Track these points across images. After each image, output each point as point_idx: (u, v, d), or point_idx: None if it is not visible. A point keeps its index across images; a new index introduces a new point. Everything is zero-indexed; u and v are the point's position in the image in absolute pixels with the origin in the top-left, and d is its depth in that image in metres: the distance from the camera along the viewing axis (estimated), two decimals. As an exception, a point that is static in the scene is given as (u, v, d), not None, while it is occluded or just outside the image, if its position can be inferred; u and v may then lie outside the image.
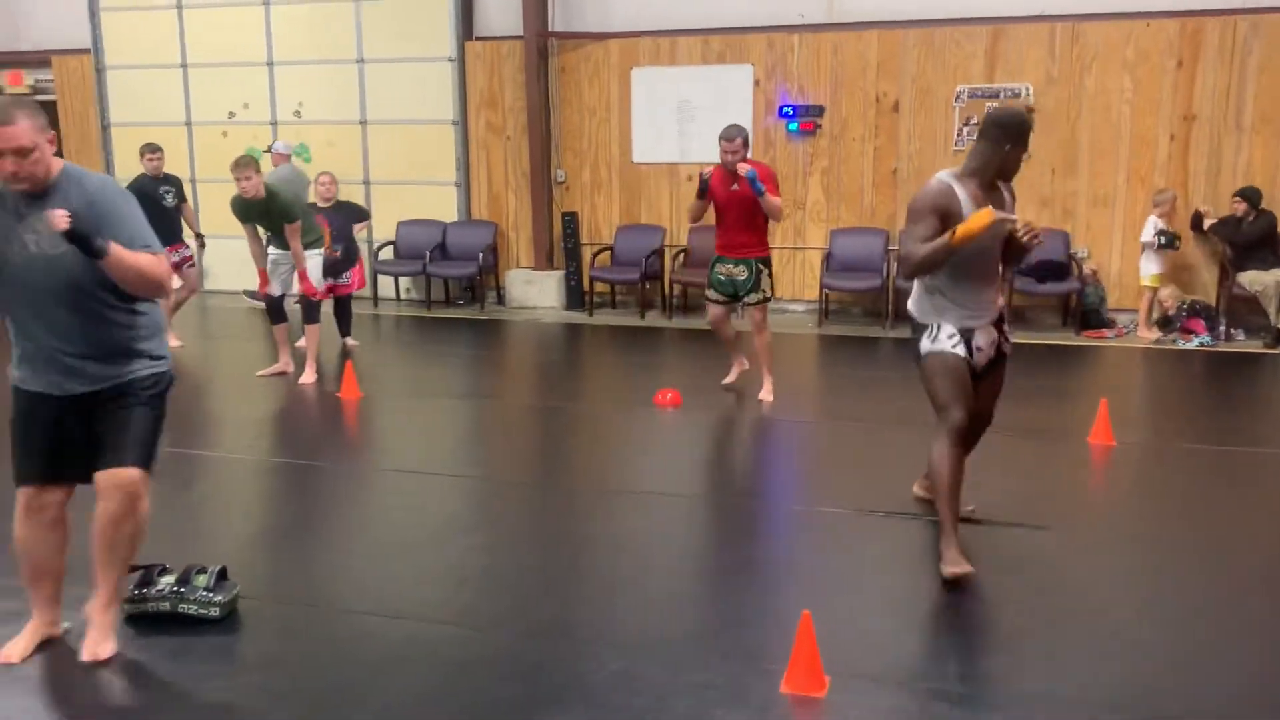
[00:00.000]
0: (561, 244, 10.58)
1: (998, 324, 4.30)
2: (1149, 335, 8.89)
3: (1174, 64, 9.01)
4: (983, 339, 4.23)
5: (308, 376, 7.34)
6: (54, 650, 3.46)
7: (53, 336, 3.19)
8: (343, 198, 9.94)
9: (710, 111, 10.01)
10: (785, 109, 9.91)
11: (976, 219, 3.82)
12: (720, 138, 6.29)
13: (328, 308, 8.31)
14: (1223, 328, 8.66)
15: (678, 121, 10.22)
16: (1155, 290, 9.00)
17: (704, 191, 6.40)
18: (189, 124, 11.45)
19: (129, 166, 11.51)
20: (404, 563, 4.25)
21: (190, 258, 8.95)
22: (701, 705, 3.11)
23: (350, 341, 8.53)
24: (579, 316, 10.23)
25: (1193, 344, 8.55)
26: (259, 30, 11.04)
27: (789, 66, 9.89)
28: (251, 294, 9.80)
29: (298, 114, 11.13)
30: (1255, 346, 8.44)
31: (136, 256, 3.14)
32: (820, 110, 9.86)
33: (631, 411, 6.66)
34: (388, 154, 11.00)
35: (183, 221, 8.94)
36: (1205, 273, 9.20)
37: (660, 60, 10.20)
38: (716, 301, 6.69)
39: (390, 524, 4.73)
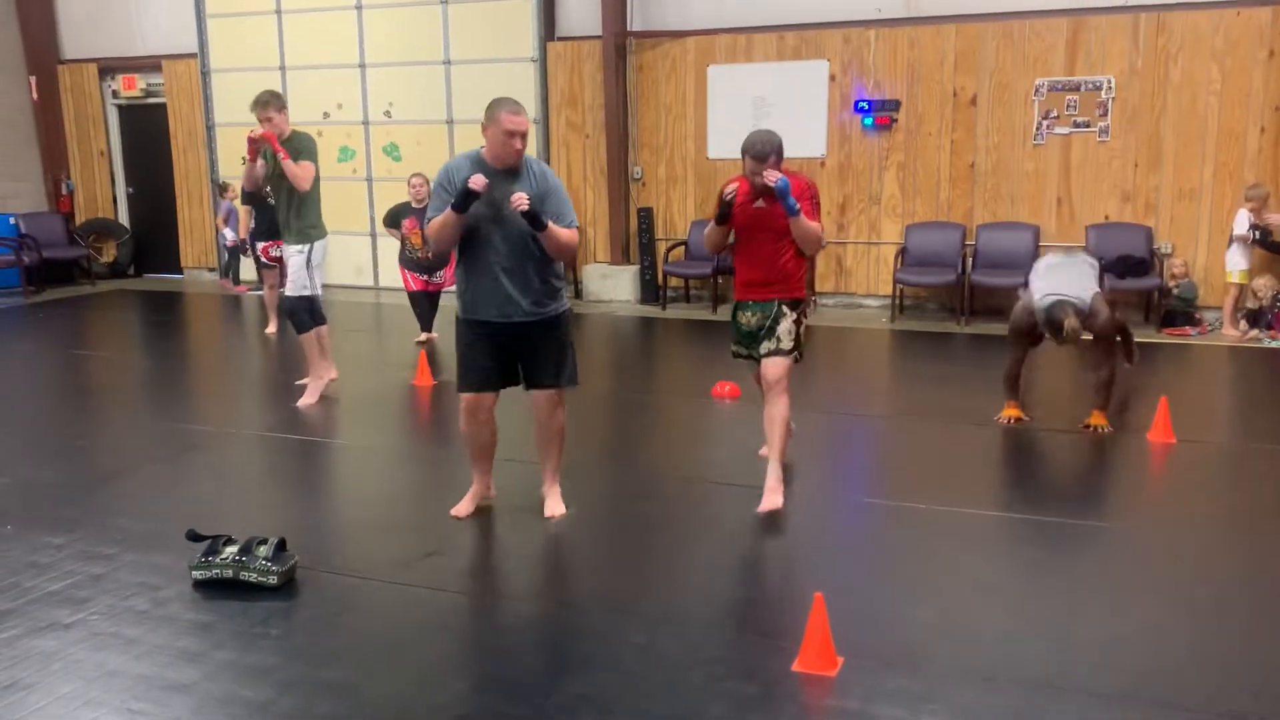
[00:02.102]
0: (637, 239, 10.77)
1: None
2: (1234, 333, 8.64)
3: (1265, 54, 8.73)
4: None
5: (308, 396, 6.80)
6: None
7: (507, 276, 4.32)
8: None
9: (785, 107, 10.09)
10: (861, 104, 9.91)
11: None
12: (745, 153, 4.59)
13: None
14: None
15: (753, 117, 10.28)
16: (1242, 286, 8.74)
17: (726, 215, 4.69)
18: (286, 124, 11.96)
19: (232, 165, 12.15)
20: (455, 539, 4.48)
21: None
22: (714, 679, 3.25)
23: (432, 334, 8.72)
24: (653, 310, 10.41)
25: (1279, 342, 8.29)
26: (352, 33, 11.50)
27: (865, 61, 9.88)
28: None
29: (388, 114, 11.55)
30: (1348, 346, 8.14)
31: (561, 230, 4.29)
32: (896, 105, 9.83)
33: (691, 402, 6.80)
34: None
35: None
36: (1297, 270, 8.91)
37: (736, 57, 10.30)
38: (747, 357, 5.01)
39: (444, 504, 4.97)
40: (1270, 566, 4.10)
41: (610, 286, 10.85)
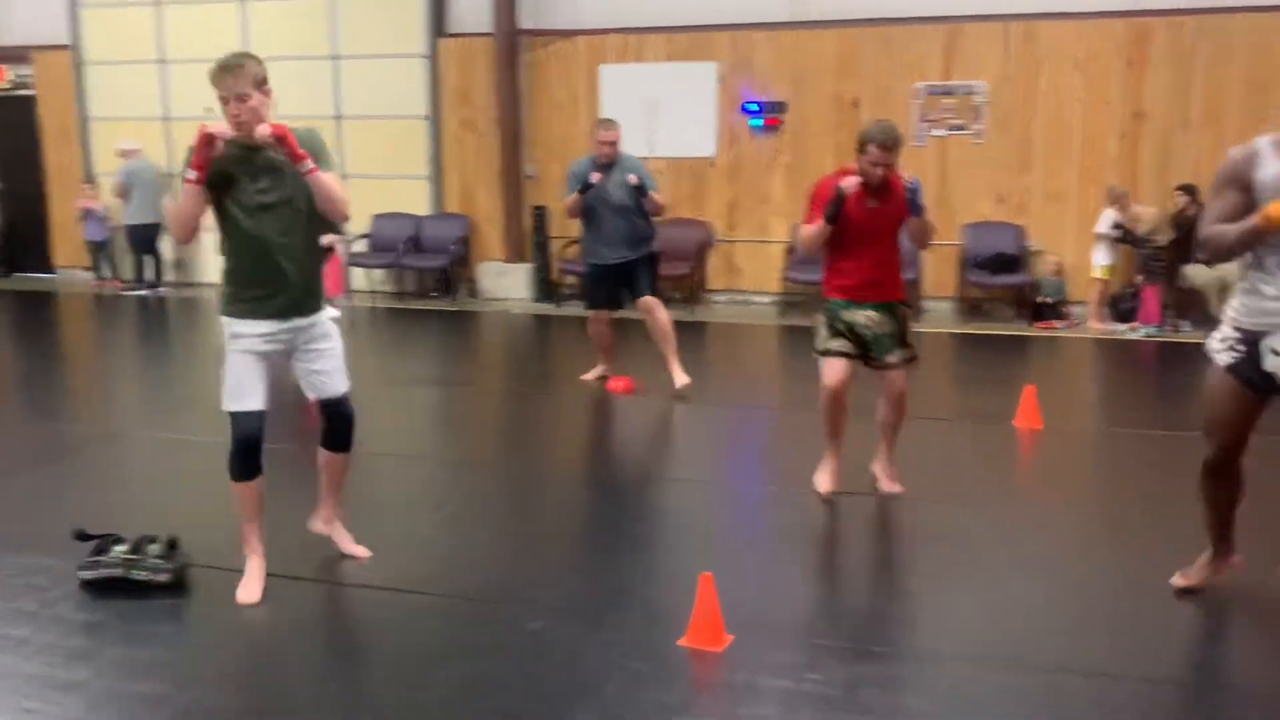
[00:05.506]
0: (532, 237, 10.82)
1: None
2: (1099, 326, 9.16)
3: (1123, 64, 9.27)
4: None
5: None
6: (12, 612, 3.71)
7: (616, 232, 6.64)
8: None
9: (677, 107, 10.28)
10: (749, 105, 10.16)
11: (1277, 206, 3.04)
12: (870, 142, 4.37)
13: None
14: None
15: (645, 117, 10.44)
16: (1106, 282, 9.27)
17: (838, 213, 4.44)
18: (166, 119, 11.65)
19: (108, 161, 11.74)
20: (353, 534, 4.48)
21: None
22: (609, 658, 3.37)
23: None
24: (548, 308, 10.48)
25: (1139, 334, 8.83)
26: (235, 26, 11.24)
27: (752, 64, 10.13)
28: None
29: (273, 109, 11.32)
30: (1199, 337, 8.70)
31: (654, 194, 6.67)
32: (783, 107, 10.10)
33: (587, 397, 6.91)
34: (362, 148, 11.20)
35: None
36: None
37: (627, 57, 10.44)
38: (844, 353, 4.60)
39: (346, 502, 4.95)
40: (1127, 540, 4.41)
41: (505, 284, 10.87)
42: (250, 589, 3.83)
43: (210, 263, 11.63)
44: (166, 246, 11.73)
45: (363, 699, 3.17)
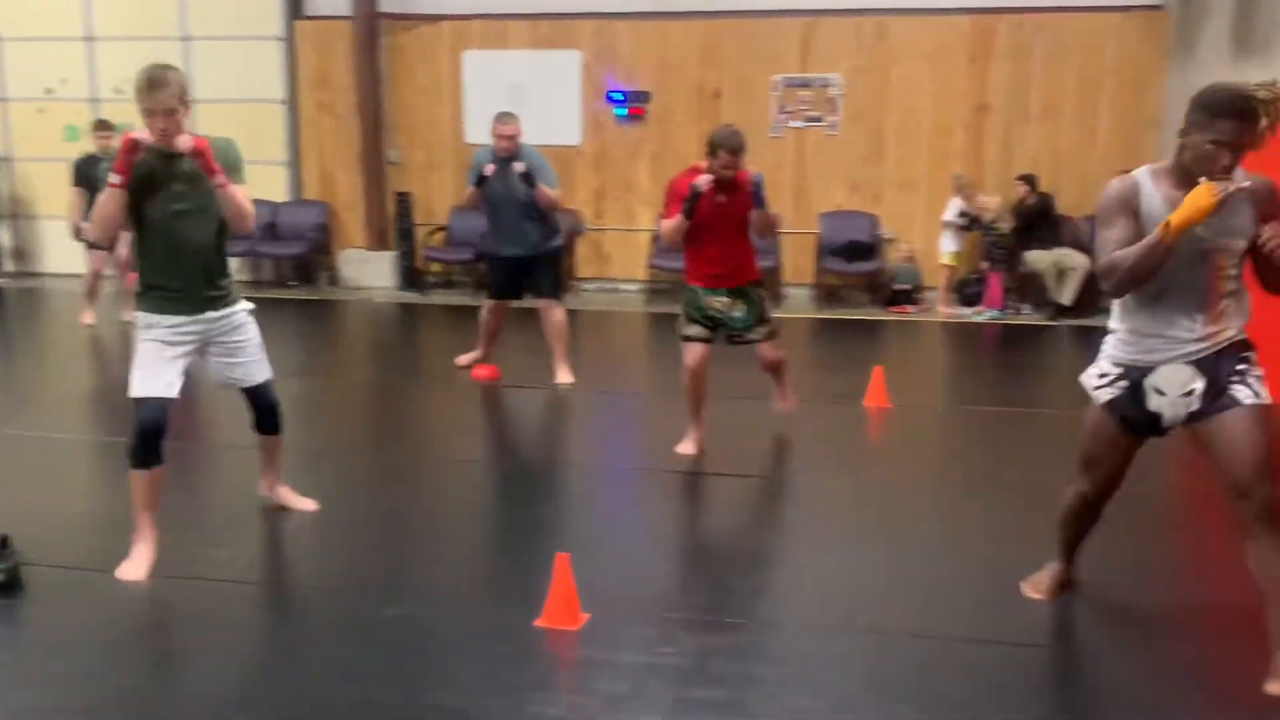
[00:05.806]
0: (395, 224, 10.66)
1: (1213, 357, 3.10)
2: (946, 310, 9.59)
3: (967, 59, 9.70)
4: (1169, 380, 3.14)
5: None
6: None
7: (514, 226, 6.48)
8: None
9: (541, 95, 10.26)
10: (613, 94, 10.23)
11: (1193, 199, 2.90)
12: (719, 147, 4.85)
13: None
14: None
15: (510, 104, 10.37)
16: (953, 268, 9.70)
17: (693, 210, 4.88)
18: (3, 100, 11.02)
19: (-65, 142, 11.03)
20: (202, 528, 4.37)
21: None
22: (466, 640, 3.40)
23: None
24: (413, 296, 10.35)
25: (983, 317, 9.29)
26: (77, 3, 10.71)
27: (616, 52, 10.20)
28: None
29: (119, 91, 10.82)
30: (1039, 319, 9.21)
31: (546, 189, 6.38)
32: (647, 96, 10.21)
33: (451, 386, 6.87)
34: (214, 134, 10.74)
35: None
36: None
37: (491, 43, 10.38)
38: (701, 339, 5.17)
39: (195, 494, 4.83)
40: (966, 510, 4.66)
41: (368, 272, 10.68)
42: (133, 569, 3.83)
43: (54, 252, 11.08)
44: (4, 234, 11.13)
45: (211, 693, 3.11)
